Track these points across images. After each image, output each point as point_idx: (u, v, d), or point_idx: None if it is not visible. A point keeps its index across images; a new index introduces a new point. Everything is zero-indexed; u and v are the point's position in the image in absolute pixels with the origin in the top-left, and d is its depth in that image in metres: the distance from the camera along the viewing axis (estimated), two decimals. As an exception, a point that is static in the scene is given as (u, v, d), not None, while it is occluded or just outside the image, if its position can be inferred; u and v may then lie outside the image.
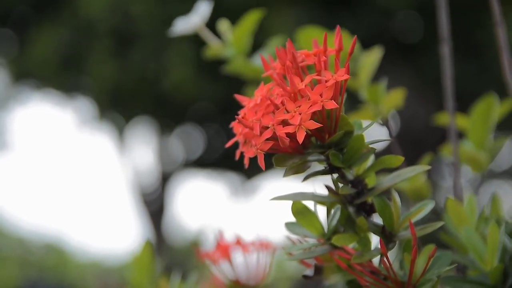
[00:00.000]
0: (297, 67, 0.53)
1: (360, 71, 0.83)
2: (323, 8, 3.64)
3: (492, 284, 0.60)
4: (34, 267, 6.45)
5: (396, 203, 0.56)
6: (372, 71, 0.84)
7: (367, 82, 0.84)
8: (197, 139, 5.31)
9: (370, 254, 0.56)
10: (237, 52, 0.87)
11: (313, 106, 0.51)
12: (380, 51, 0.83)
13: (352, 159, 0.54)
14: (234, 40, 0.87)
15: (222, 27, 0.88)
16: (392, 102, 0.84)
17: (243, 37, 0.87)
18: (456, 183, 0.79)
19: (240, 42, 0.87)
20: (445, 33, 0.84)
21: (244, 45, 0.88)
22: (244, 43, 0.87)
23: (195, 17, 0.87)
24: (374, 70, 0.84)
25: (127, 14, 3.86)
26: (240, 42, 0.87)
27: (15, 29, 4.54)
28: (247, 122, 0.53)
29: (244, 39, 0.87)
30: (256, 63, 0.87)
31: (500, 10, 0.78)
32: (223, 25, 0.88)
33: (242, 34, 0.87)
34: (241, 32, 0.87)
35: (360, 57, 0.83)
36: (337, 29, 0.56)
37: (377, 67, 0.84)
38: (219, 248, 0.79)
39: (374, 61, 0.83)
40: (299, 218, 0.58)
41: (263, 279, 0.81)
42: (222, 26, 0.88)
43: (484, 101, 0.83)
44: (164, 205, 5.78)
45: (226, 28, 0.88)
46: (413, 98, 3.90)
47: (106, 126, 5.20)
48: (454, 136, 0.81)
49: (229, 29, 0.88)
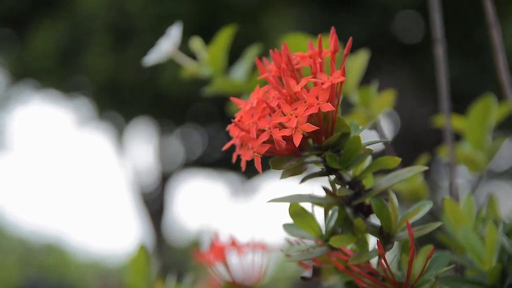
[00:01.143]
0: (292, 70, 0.54)
1: (348, 76, 0.83)
2: (323, 8, 3.64)
3: (491, 284, 0.60)
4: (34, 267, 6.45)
5: (394, 204, 0.57)
6: (360, 74, 0.84)
7: (355, 85, 0.84)
8: (197, 139, 5.31)
9: (368, 255, 0.56)
10: (214, 71, 0.86)
11: (309, 108, 0.51)
12: (366, 54, 0.83)
13: (349, 161, 0.54)
14: (210, 59, 0.86)
15: (195, 46, 0.87)
16: (383, 104, 0.84)
17: (219, 56, 0.86)
18: (452, 183, 0.80)
19: (216, 60, 0.86)
20: (439, 33, 0.84)
21: (220, 63, 0.86)
22: (220, 61, 0.86)
23: (167, 44, 0.85)
24: (362, 73, 0.84)
25: (124, 10, 3.87)
26: (216, 60, 0.86)
27: (13, 27, 4.55)
28: (244, 125, 0.53)
29: (220, 57, 0.86)
30: (235, 77, 0.86)
31: (494, 12, 0.78)
32: (196, 44, 0.87)
33: (217, 52, 0.86)
34: (216, 51, 0.86)
35: (347, 61, 0.83)
36: (332, 31, 0.56)
37: (369, 67, 0.83)
38: (214, 250, 0.79)
39: (360, 64, 0.83)
40: (296, 220, 0.58)
41: (259, 280, 0.81)
42: (195, 45, 0.87)
43: (481, 102, 0.83)
44: (164, 205, 5.78)
45: (199, 47, 0.87)
46: (413, 98, 3.91)
47: (105, 126, 5.21)
48: (449, 136, 0.82)
49: (202, 48, 0.87)
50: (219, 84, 0.86)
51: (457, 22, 3.42)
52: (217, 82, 0.86)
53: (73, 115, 5.16)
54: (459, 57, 3.49)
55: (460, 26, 3.49)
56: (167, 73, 3.81)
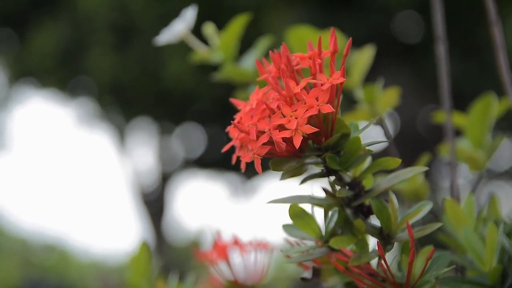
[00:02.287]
0: (292, 71, 0.53)
1: (353, 70, 0.83)
2: (323, 8, 3.64)
3: (491, 284, 0.60)
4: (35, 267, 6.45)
5: (394, 205, 0.56)
6: (365, 70, 0.83)
7: (360, 81, 0.84)
8: (197, 139, 5.31)
9: (368, 256, 0.56)
10: (225, 57, 0.85)
11: (309, 110, 0.51)
12: (372, 49, 0.83)
13: (349, 162, 0.54)
14: (222, 45, 0.85)
15: (208, 31, 0.87)
16: (387, 101, 0.84)
17: (231, 42, 0.85)
18: (453, 183, 0.79)
19: (228, 47, 0.85)
20: (440, 32, 0.84)
21: (232, 50, 0.86)
22: (231, 48, 0.86)
23: (180, 24, 0.85)
24: (367, 69, 0.83)
25: (126, 9, 3.87)
26: (228, 47, 0.85)
27: (14, 27, 4.55)
28: (243, 126, 0.52)
29: (232, 44, 0.86)
30: (244, 66, 0.86)
31: (495, 10, 0.78)
32: (209, 30, 0.87)
33: (229, 39, 0.85)
34: (229, 37, 0.85)
35: (353, 56, 0.83)
36: (332, 31, 0.55)
37: (370, 66, 0.83)
38: (217, 249, 0.79)
39: (367, 59, 0.83)
40: (296, 221, 0.58)
41: (261, 279, 0.81)
42: (208, 30, 0.87)
43: (482, 100, 0.83)
44: (164, 205, 5.78)
45: (212, 32, 0.86)
46: (413, 98, 3.90)
47: (106, 126, 5.21)
48: (450, 135, 0.81)
49: (215, 34, 0.86)
50: (229, 71, 0.85)
51: (458, 21, 3.42)
52: (227, 69, 0.85)
53: (74, 115, 5.16)
54: (460, 55, 3.49)
55: (460, 25, 3.49)
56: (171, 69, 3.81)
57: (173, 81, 3.88)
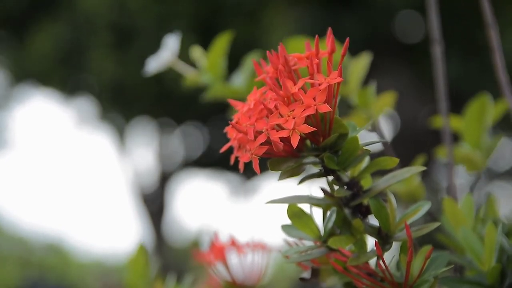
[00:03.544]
0: (289, 71, 0.53)
1: (350, 78, 0.83)
2: (324, 7, 3.64)
3: (490, 284, 0.60)
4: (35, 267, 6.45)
5: (392, 205, 0.56)
6: (362, 77, 0.84)
7: (357, 88, 0.84)
8: (197, 139, 5.31)
9: (366, 256, 0.56)
10: (213, 77, 0.87)
11: (306, 110, 0.51)
12: (368, 56, 0.83)
13: (347, 161, 0.54)
14: (209, 66, 0.87)
15: (195, 54, 0.88)
16: (382, 105, 0.84)
17: (217, 62, 0.87)
18: (451, 183, 0.80)
19: (215, 67, 0.86)
20: (436, 34, 0.84)
21: (219, 69, 0.87)
22: (219, 67, 0.87)
23: (166, 52, 0.86)
24: (363, 76, 0.84)
25: (126, 8, 3.87)
26: (215, 67, 0.86)
27: (14, 27, 4.55)
28: (241, 127, 0.53)
29: (218, 63, 0.87)
30: (234, 84, 0.87)
31: (492, 12, 0.79)
32: (196, 53, 0.88)
33: (215, 59, 0.86)
34: (214, 57, 0.86)
35: (350, 64, 0.83)
36: (329, 31, 0.56)
37: (370, 66, 0.84)
38: (214, 250, 0.79)
39: (363, 67, 0.83)
40: (295, 221, 0.58)
41: (259, 280, 0.81)
42: (194, 53, 0.88)
43: (477, 101, 0.83)
44: (164, 205, 5.78)
45: (199, 55, 0.87)
46: (413, 98, 3.90)
47: (106, 126, 5.21)
48: (448, 136, 0.82)
49: (202, 56, 0.87)
50: (218, 90, 0.87)
51: (456, 22, 3.42)
52: (216, 89, 0.87)
53: (74, 115, 5.17)
54: (458, 57, 3.48)
55: (458, 26, 3.49)
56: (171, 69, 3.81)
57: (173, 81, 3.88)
